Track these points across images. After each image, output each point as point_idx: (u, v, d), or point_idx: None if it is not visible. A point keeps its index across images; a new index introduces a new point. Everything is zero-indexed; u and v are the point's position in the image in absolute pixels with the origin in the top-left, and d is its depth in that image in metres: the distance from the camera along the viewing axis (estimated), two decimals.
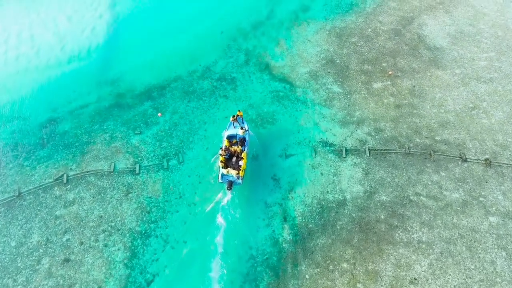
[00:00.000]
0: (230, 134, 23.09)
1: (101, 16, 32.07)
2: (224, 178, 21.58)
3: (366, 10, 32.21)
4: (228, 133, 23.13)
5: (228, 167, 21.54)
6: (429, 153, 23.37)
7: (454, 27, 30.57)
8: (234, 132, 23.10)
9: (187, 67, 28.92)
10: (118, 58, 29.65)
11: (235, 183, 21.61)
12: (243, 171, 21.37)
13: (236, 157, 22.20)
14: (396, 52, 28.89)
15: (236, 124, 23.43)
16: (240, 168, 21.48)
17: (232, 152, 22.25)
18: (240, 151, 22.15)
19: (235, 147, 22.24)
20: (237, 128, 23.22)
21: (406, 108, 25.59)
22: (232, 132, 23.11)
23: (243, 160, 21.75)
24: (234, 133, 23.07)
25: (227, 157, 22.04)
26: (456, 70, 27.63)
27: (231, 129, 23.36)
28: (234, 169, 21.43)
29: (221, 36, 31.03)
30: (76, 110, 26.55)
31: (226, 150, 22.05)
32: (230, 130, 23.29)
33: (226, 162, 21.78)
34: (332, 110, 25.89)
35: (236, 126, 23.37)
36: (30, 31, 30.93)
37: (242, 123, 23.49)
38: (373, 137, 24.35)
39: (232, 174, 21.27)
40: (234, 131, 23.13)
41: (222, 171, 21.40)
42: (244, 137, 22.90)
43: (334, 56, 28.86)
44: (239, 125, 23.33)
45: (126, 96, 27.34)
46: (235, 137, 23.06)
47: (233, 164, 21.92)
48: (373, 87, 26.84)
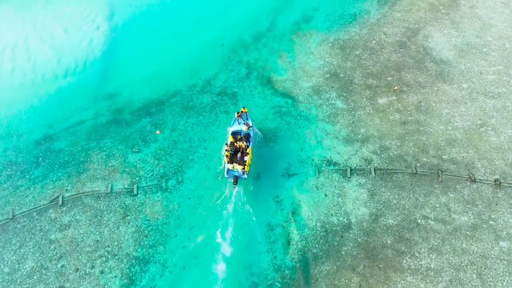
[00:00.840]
0: (235, 130, 23.40)
1: (98, 28, 31.30)
2: (230, 174, 21.98)
3: (370, 21, 31.43)
4: (232, 129, 23.46)
5: (234, 163, 21.86)
6: (436, 173, 22.61)
7: (461, 39, 29.79)
8: (239, 128, 23.36)
9: (186, 81, 28.18)
10: (116, 72, 28.91)
11: (241, 178, 21.96)
12: (248, 166, 21.80)
13: (241, 153, 22.65)
14: (402, 65, 28.11)
15: (240, 121, 23.61)
16: (245, 163, 21.84)
17: (237, 148, 22.72)
18: (245, 147, 22.57)
19: (240, 143, 22.71)
20: (242, 124, 23.45)
21: (412, 125, 24.81)
22: (236, 128, 23.41)
23: (248, 156, 22.13)
24: (238, 129, 23.34)
25: (232, 153, 22.46)
26: (463, 85, 26.85)
27: (235, 125, 23.66)
28: (240, 165, 21.72)
29: (222, 48, 30.27)
30: (73, 126, 25.80)
31: (231, 146, 22.54)
32: (235, 127, 23.57)
33: (231, 157, 22.23)
34: (336, 127, 25.12)
35: (240, 122, 23.59)
36: (26, 44, 30.18)
37: (246, 119, 23.59)
38: (378, 156, 23.58)
39: (237, 169, 21.62)
40: (239, 127, 23.39)
41: (228, 167, 21.79)
42: (248, 133, 23.18)
43: (337, 70, 28.09)
44: (243, 121, 23.46)
45: (124, 111, 26.59)
46: (239, 133, 23.30)
47: (238, 160, 22.30)
48: (378, 102, 26.07)
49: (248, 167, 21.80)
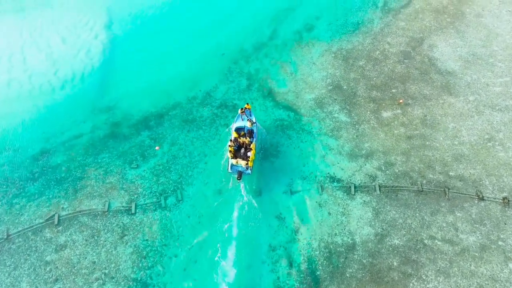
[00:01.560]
0: (238, 126, 23.74)
1: (96, 37, 30.67)
2: (234, 169, 22.30)
3: (374, 30, 30.79)
4: (236, 125, 23.80)
5: (237, 158, 22.15)
6: (443, 191, 21.99)
7: (466, 49, 29.15)
8: (242, 124, 23.73)
9: (186, 93, 27.55)
10: (114, 83, 28.27)
11: (244, 173, 22.28)
12: (251, 162, 22.13)
13: (244, 149, 22.94)
14: (406, 77, 27.48)
15: (244, 117, 23.89)
16: (248, 158, 22.11)
17: (240, 143, 23.01)
18: (249, 143, 22.87)
19: (243, 138, 22.95)
20: (245, 120, 23.75)
21: (417, 140, 24.19)
22: (240, 124, 23.76)
23: (252, 151, 22.41)
24: (242, 125, 23.71)
25: (236, 149, 22.83)
26: (469, 97, 26.22)
27: (239, 121, 23.95)
28: (243, 160, 22.01)
29: (222, 58, 29.64)
30: (70, 140, 25.19)
31: (235, 141, 22.88)
32: (238, 123, 23.89)
33: (235, 153, 22.57)
34: (339, 141, 24.50)
35: (244, 118, 23.88)
36: (22, 54, 29.55)
37: (250, 115, 23.89)
38: (383, 172, 22.97)
39: (241, 164, 21.94)
40: (242, 124, 23.75)
41: (232, 162, 22.14)
42: (252, 129, 23.50)
43: (340, 81, 27.47)
44: (247, 117, 23.77)
45: (122, 125, 25.98)
46: (243, 129, 23.66)
47: (242, 155, 22.57)
48: (383, 116, 25.44)
49: (251, 163, 22.09)
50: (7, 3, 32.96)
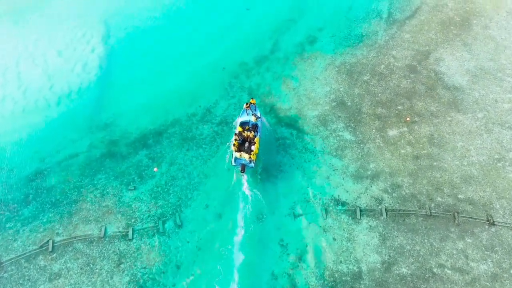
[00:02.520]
0: (243, 120, 24.17)
1: (93, 50, 29.85)
2: (237, 162, 22.68)
3: (378, 42, 29.94)
4: (241, 120, 24.24)
5: (241, 151, 22.50)
6: (452, 215, 21.16)
7: (474, 62, 28.31)
8: (247, 119, 24.16)
9: (186, 109, 26.74)
10: (112, 99, 27.47)
11: (248, 166, 22.54)
12: (254, 155, 22.52)
13: (248, 142, 23.38)
14: (412, 92, 26.65)
15: (249, 111, 24.29)
16: (252, 151, 22.51)
17: (245, 137, 23.40)
18: (253, 136, 23.27)
19: (247, 132, 23.33)
20: (250, 115, 24.14)
21: (425, 160, 23.37)
22: (245, 119, 24.21)
23: (255, 145, 22.85)
24: (247, 119, 24.14)
25: (240, 142, 23.23)
26: (478, 114, 25.38)
27: (244, 116, 24.41)
28: (247, 153, 22.37)
29: (223, 73, 28.82)
30: (65, 160, 24.39)
31: (240, 135, 23.29)
32: (243, 117, 24.35)
33: (239, 146, 23.03)
34: (343, 161, 23.68)
35: (249, 113, 24.29)
36: (17, 68, 28.75)
37: (254, 110, 24.33)
38: (390, 194, 22.14)
39: (244, 157, 22.31)
40: (247, 118, 24.17)
41: (235, 155, 22.55)
42: (256, 123, 23.88)
43: (344, 97, 26.64)
44: (251, 112, 24.13)
45: (119, 143, 25.18)
46: (248, 123, 24.02)
47: (246, 149, 22.99)
48: (389, 134, 24.62)
49: (254, 156, 22.52)
50: (2, 14, 32.22)
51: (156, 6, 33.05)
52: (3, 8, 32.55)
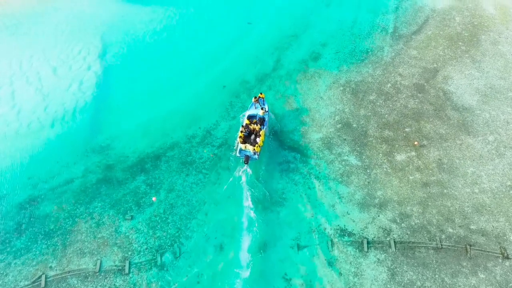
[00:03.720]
0: (251, 114, 24.66)
1: (89, 68, 28.88)
2: (242, 153, 23.26)
3: (384, 59, 28.95)
4: (249, 113, 24.74)
5: (246, 143, 22.99)
6: (464, 248, 20.19)
7: (483, 80, 27.33)
8: (255, 112, 24.64)
9: (185, 131, 25.77)
10: (108, 120, 26.48)
11: (252, 158, 23.16)
12: (259, 147, 23.10)
13: (255, 135, 23.87)
14: (420, 113, 25.67)
15: (257, 105, 24.71)
16: (257, 143, 23.05)
17: (251, 130, 23.90)
18: (259, 129, 23.69)
19: (254, 125, 23.84)
20: (258, 108, 24.63)
21: (435, 187, 22.39)
22: (253, 112, 24.70)
23: (261, 138, 23.29)
24: (254, 113, 24.63)
25: (246, 134, 23.68)
26: (489, 137, 24.41)
27: (252, 109, 24.92)
28: (252, 145, 22.91)
29: (223, 91, 27.83)
30: (60, 186, 23.41)
31: (246, 127, 23.80)
32: (252, 110, 24.85)
33: (245, 138, 23.42)
34: (349, 188, 22.71)
35: (257, 106, 24.73)
36: (11, 87, 27.78)
37: (263, 104, 24.75)
38: (398, 225, 21.17)
39: (249, 149, 22.90)
40: (255, 111, 24.66)
41: (241, 146, 23.12)
42: (264, 117, 24.36)
43: (350, 119, 25.66)
44: (260, 106, 24.58)
45: (116, 168, 24.21)
46: (255, 117, 24.47)
47: (252, 142, 23.54)
48: (396, 159, 23.65)
49: (259, 148, 23.06)
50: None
51: (154, 22, 32.14)
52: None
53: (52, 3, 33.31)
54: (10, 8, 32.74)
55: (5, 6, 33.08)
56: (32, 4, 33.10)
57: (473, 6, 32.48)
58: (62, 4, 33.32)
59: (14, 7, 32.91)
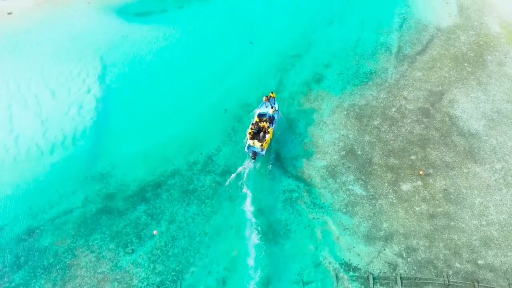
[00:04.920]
0: (261, 112, 25.79)
1: (89, 91, 28.43)
2: (250, 149, 24.30)
3: (388, 81, 28.50)
4: (259, 111, 25.90)
5: (255, 139, 24.18)
6: (472, 284, 19.77)
7: (490, 104, 26.87)
8: (265, 110, 25.72)
9: (186, 158, 25.33)
10: (108, 146, 26.01)
11: (259, 154, 24.25)
12: (267, 144, 24.25)
13: (263, 132, 24.92)
14: (426, 140, 25.22)
15: (268, 104, 25.82)
16: (265, 140, 24.24)
17: (260, 127, 24.99)
18: (268, 127, 24.85)
19: (263, 123, 24.99)
20: (268, 107, 25.67)
21: (441, 219, 21.96)
22: (263, 111, 25.80)
23: (269, 135, 24.49)
24: (265, 111, 25.73)
25: (255, 131, 24.73)
26: (496, 165, 23.96)
27: (263, 107, 26.03)
28: (259, 142, 24.11)
29: (225, 115, 27.39)
30: (59, 217, 22.97)
31: (256, 125, 24.90)
32: (262, 109, 25.98)
33: (253, 135, 24.51)
34: (354, 219, 22.28)
35: (267, 105, 25.81)
36: (9, 111, 27.36)
37: (273, 103, 25.87)
38: (404, 259, 20.74)
39: (257, 146, 24.03)
40: (265, 110, 25.73)
41: (249, 142, 24.23)
42: (273, 116, 25.39)
43: (354, 145, 25.21)
44: (270, 105, 25.69)
45: (116, 197, 23.77)
46: (265, 115, 25.61)
47: (260, 138, 24.60)
48: (402, 189, 23.21)
49: (266, 145, 24.23)
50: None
51: (154, 42, 31.70)
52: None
53: (51, 23, 32.89)
54: (9, 28, 32.30)
55: (3, 26, 32.63)
56: (30, 24, 32.67)
57: (478, 25, 32.02)
58: (61, 24, 32.91)
59: (14, 27, 32.48)
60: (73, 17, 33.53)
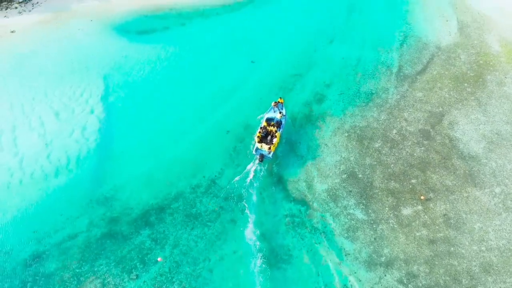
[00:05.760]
0: (269, 116, 27.18)
1: (92, 111, 28.70)
2: (258, 152, 25.70)
3: (389, 102, 28.77)
4: (268, 116, 27.27)
5: (263, 143, 25.52)
6: None
7: (489, 126, 27.15)
8: (273, 115, 27.15)
9: (189, 180, 25.60)
10: (112, 168, 26.27)
11: (266, 156, 25.59)
12: (274, 147, 25.62)
13: (271, 136, 26.18)
14: (426, 163, 25.51)
15: (276, 109, 27.25)
16: (272, 143, 25.55)
17: (268, 131, 26.32)
18: (275, 131, 26.18)
19: (271, 127, 26.30)
20: (276, 112, 27.11)
21: (441, 245, 22.27)
22: (271, 115, 27.19)
23: (276, 139, 25.83)
24: (273, 116, 27.14)
25: (263, 135, 26.08)
26: (495, 189, 24.26)
27: (271, 112, 27.41)
28: (267, 145, 25.40)
29: (227, 137, 27.66)
30: (64, 241, 23.26)
31: (264, 128, 26.29)
32: (270, 113, 27.33)
33: (262, 138, 25.91)
34: (355, 244, 22.58)
35: (275, 110, 27.24)
36: (13, 133, 27.60)
37: (281, 108, 27.32)
38: (405, 286, 21.01)
39: (264, 149, 25.45)
40: (273, 115, 27.17)
41: (257, 145, 25.58)
42: (280, 120, 26.80)
43: (355, 168, 25.50)
44: (278, 110, 27.09)
45: (120, 221, 24.06)
46: (273, 119, 27.00)
47: (268, 142, 25.87)
48: (402, 213, 23.51)
49: (273, 148, 25.56)
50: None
51: (156, 61, 31.96)
52: (0, 67, 31.28)
53: (54, 41, 33.11)
54: (12, 47, 32.51)
55: (7, 45, 32.84)
56: (33, 43, 32.89)
57: (478, 43, 32.28)
58: (64, 42, 33.13)
59: (17, 46, 32.69)
60: (76, 35, 33.77)
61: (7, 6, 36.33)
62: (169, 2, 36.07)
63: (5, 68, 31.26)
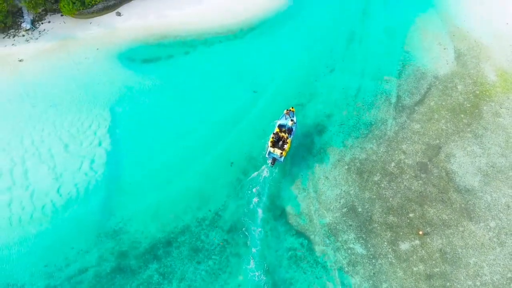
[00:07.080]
0: (281, 123, 29.12)
1: (100, 144, 29.55)
2: (270, 155, 27.73)
3: (388, 134, 29.64)
4: (280, 122, 29.21)
5: (275, 147, 27.55)
6: None
7: (485, 158, 28.03)
8: (285, 122, 29.06)
9: (194, 213, 26.52)
10: (120, 201, 27.18)
11: (278, 160, 27.84)
12: (285, 152, 27.57)
13: (282, 142, 28.15)
14: (424, 197, 26.41)
15: (287, 116, 29.21)
16: (284, 149, 27.53)
17: (280, 137, 28.24)
18: (286, 137, 28.09)
19: (283, 134, 28.21)
20: (288, 119, 29.03)
21: (438, 280, 23.18)
22: (283, 122, 29.13)
23: (287, 145, 27.73)
24: (284, 123, 29.07)
25: (275, 140, 28.01)
26: (490, 223, 25.17)
27: (283, 119, 29.33)
28: (279, 149, 27.42)
29: (231, 169, 28.52)
30: (75, 276, 24.20)
31: (276, 134, 28.17)
32: (282, 120, 29.29)
33: (274, 143, 27.85)
34: (355, 279, 23.51)
35: (287, 118, 29.17)
36: (23, 166, 28.45)
37: (292, 116, 29.18)
38: None
39: (277, 153, 27.40)
40: (285, 122, 29.08)
41: (270, 149, 27.62)
42: (291, 127, 28.72)
43: (355, 202, 26.39)
44: (290, 117, 29.06)
45: (129, 255, 24.98)
46: (284, 126, 28.96)
47: (279, 146, 27.86)
48: (400, 248, 24.43)
49: (285, 153, 27.47)
50: (8, 102, 31.77)
51: (161, 92, 32.82)
52: (10, 97, 32.07)
53: (62, 71, 33.87)
54: (21, 77, 33.34)
55: (16, 74, 33.66)
56: (41, 72, 33.68)
57: (475, 73, 33.13)
58: (71, 72, 33.88)
59: (25, 75, 33.49)
60: (83, 64, 34.59)
61: (15, 34, 37.13)
62: (174, 30, 36.87)
63: (15, 98, 32.08)
